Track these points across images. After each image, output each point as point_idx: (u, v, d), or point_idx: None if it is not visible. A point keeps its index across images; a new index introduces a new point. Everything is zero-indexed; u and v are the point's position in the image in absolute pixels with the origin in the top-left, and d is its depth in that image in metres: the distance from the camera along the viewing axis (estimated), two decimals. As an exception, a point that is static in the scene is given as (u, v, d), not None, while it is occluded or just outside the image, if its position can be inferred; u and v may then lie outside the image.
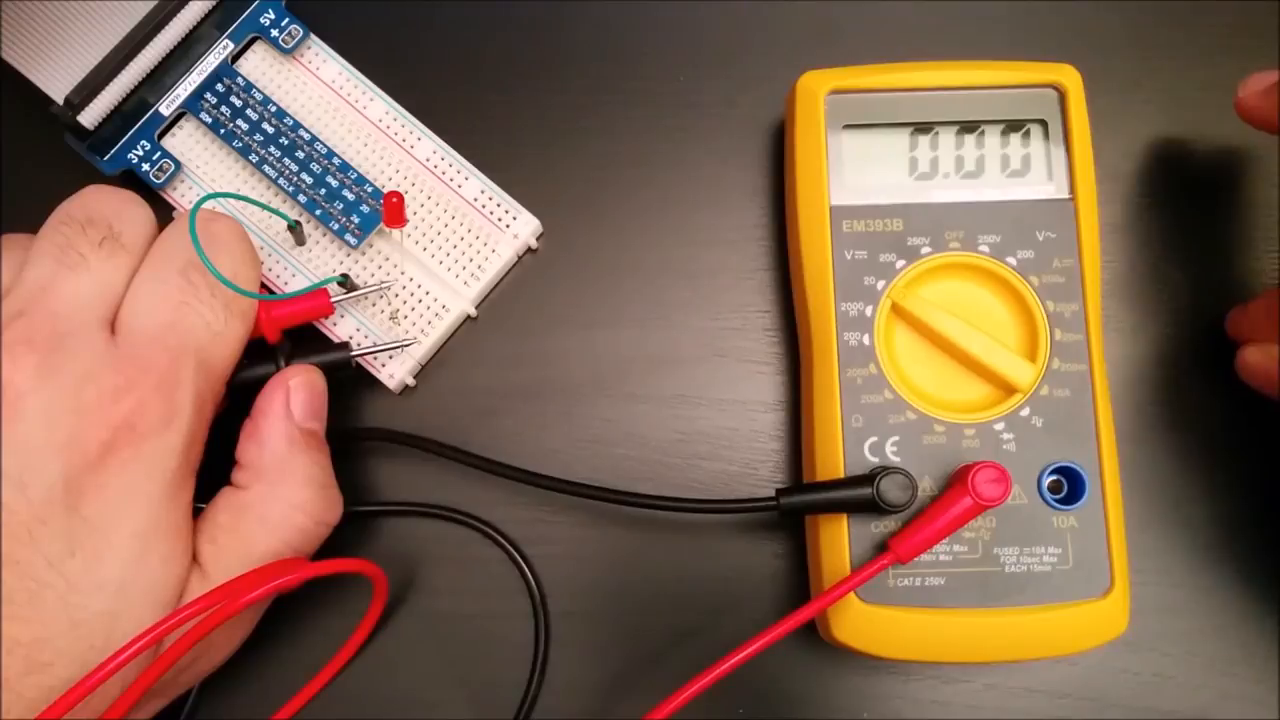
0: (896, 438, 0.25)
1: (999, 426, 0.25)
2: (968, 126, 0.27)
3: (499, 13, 0.31)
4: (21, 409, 0.21)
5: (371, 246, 0.29)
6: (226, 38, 0.29)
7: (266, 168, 0.28)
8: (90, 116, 0.28)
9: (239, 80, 0.29)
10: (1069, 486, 0.25)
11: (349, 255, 0.29)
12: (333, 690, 0.27)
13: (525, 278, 0.30)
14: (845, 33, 0.31)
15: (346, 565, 0.23)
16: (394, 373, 0.28)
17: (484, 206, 0.29)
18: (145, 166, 0.28)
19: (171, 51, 0.29)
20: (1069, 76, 0.27)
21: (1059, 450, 0.25)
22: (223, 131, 0.29)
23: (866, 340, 0.25)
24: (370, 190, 0.28)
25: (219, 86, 0.29)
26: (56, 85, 0.28)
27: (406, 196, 0.29)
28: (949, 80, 0.27)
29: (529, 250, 0.30)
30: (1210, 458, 0.28)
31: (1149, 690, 0.27)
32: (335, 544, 0.25)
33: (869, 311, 0.26)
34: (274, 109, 0.29)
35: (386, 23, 0.31)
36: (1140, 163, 0.30)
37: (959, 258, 0.26)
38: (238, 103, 0.29)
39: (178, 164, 0.29)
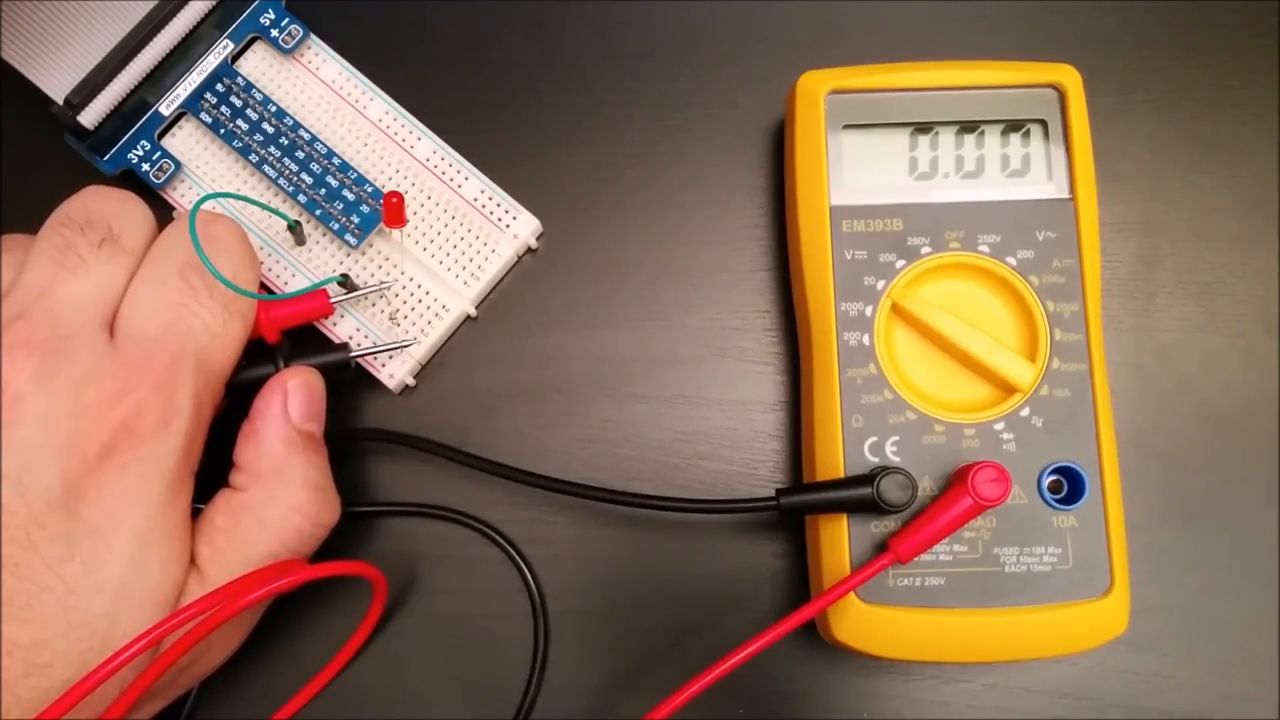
0: (896, 438, 0.25)
1: (999, 426, 0.25)
2: (968, 126, 0.27)
3: (499, 13, 0.31)
4: (21, 411, 0.21)
5: (371, 246, 0.29)
6: (226, 38, 0.29)
7: (266, 168, 0.28)
8: (90, 116, 0.28)
9: (239, 80, 0.29)
10: (1069, 486, 0.25)
11: (349, 255, 0.29)
12: (333, 690, 0.27)
13: (525, 278, 0.30)
14: (845, 33, 0.31)
15: (346, 568, 0.23)
16: (394, 373, 0.28)
17: (484, 206, 0.29)
18: (145, 166, 0.28)
19: (171, 51, 0.29)
20: (1069, 76, 0.27)
21: (1059, 450, 0.25)
22: (223, 131, 0.29)
23: (866, 340, 0.25)
24: (370, 190, 0.28)
25: (219, 86, 0.29)
26: (56, 85, 0.28)
27: (406, 196, 0.29)
28: (949, 80, 0.27)
29: (529, 250, 0.30)
30: (1210, 457, 0.28)
31: (1149, 690, 0.27)
32: (335, 544, 0.25)
33: (869, 311, 0.26)
34: (274, 109, 0.29)
35: (386, 23, 0.31)
36: (1140, 163, 0.30)
37: (959, 258, 0.26)
38: (238, 103, 0.29)
39: (178, 164, 0.29)
